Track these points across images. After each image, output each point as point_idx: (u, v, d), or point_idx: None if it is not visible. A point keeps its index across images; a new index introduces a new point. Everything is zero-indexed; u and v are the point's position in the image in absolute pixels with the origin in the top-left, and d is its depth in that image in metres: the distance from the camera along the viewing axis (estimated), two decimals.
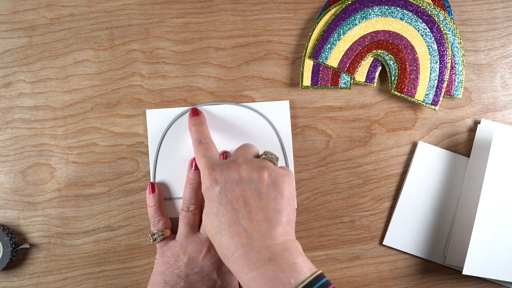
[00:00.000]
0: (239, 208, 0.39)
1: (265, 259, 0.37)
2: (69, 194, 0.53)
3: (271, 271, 0.36)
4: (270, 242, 0.38)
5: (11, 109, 0.54)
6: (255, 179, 0.40)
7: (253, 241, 0.38)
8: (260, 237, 0.38)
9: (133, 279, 0.53)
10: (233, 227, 0.38)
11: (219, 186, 0.40)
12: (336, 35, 0.52)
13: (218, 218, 0.39)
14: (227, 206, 0.39)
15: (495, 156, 0.49)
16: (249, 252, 0.37)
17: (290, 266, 0.37)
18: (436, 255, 0.52)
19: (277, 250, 0.37)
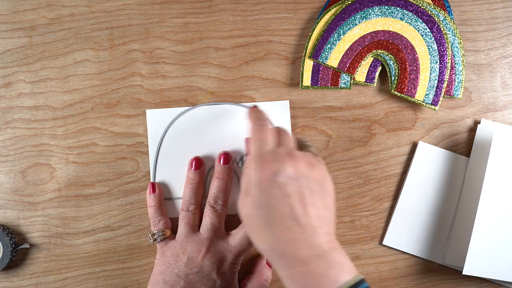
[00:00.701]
0: (294, 203, 0.38)
1: (315, 255, 0.37)
2: (69, 194, 0.53)
3: (321, 267, 0.37)
4: (320, 239, 0.38)
5: (11, 109, 0.54)
6: (309, 176, 0.40)
7: (305, 237, 0.38)
8: (312, 234, 0.38)
9: (133, 279, 0.53)
10: (286, 222, 0.38)
11: (276, 178, 0.39)
12: (336, 35, 0.52)
13: (270, 210, 0.38)
14: (282, 200, 0.38)
15: (495, 156, 0.49)
16: (300, 248, 0.38)
17: (338, 265, 0.37)
18: (436, 255, 0.52)
19: (327, 248, 0.38)
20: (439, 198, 0.52)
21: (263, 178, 0.39)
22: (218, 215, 0.49)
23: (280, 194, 0.38)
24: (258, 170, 0.39)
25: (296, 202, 0.38)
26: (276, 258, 0.38)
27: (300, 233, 0.38)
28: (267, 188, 0.39)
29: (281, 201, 0.38)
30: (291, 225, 0.38)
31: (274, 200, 0.38)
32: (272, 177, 0.39)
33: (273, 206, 0.38)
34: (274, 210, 0.38)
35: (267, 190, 0.39)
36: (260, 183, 0.39)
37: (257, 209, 0.39)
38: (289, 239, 0.38)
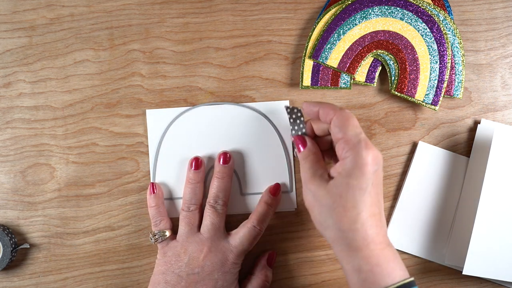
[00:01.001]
0: (379, 192, 0.42)
1: (386, 242, 0.42)
2: (69, 194, 0.53)
3: (392, 253, 0.41)
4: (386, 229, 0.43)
5: (11, 109, 0.54)
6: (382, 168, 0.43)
7: (382, 225, 0.42)
8: (385, 222, 0.42)
9: (133, 279, 0.53)
10: (373, 207, 0.41)
11: (376, 166, 0.41)
12: (336, 35, 0.52)
13: (363, 194, 0.40)
14: (375, 188, 0.41)
15: (495, 156, 0.49)
16: (379, 233, 0.41)
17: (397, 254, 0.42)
18: (436, 255, 0.52)
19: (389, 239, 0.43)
20: (439, 198, 0.52)
21: (370, 163, 0.40)
22: (219, 215, 0.49)
23: (376, 181, 0.42)
24: (366, 156, 0.41)
25: (380, 191, 0.42)
26: (357, 238, 0.40)
27: (380, 220, 0.41)
28: (370, 173, 0.40)
29: (375, 187, 0.41)
30: (375, 211, 0.41)
31: (371, 187, 0.41)
32: (375, 165, 0.41)
33: (369, 192, 0.41)
34: (369, 195, 0.41)
35: (369, 175, 0.40)
36: (366, 167, 0.40)
37: (352, 190, 0.40)
38: (373, 223, 0.41)
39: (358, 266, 0.40)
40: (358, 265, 0.40)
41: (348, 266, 0.41)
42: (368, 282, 0.40)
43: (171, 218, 0.52)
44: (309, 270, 0.53)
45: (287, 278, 0.53)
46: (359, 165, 0.40)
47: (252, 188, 0.53)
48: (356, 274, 0.40)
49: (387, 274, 0.40)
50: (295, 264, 0.53)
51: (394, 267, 0.40)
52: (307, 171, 0.44)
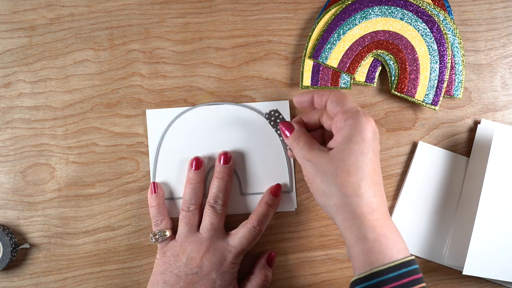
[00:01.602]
0: (378, 163, 0.42)
1: (388, 213, 0.42)
2: (69, 194, 0.53)
3: (394, 226, 0.41)
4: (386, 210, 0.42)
5: (11, 109, 0.54)
6: None
7: (384, 197, 0.42)
8: (382, 200, 0.42)
9: (133, 279, 0.53)
10: (375, 176, 0.41)
11: (377, 135, 0.42)
12: (336, 35, 0.52)
13: (366, 160, 0.41)
14: (376, 156, 0.42)
15: (495, 156, 0.49)
16: (382, 202, 0.41)
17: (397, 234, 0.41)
18: (436, 255, 0.52)
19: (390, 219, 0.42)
20: (439, 198, 0.52)
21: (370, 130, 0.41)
22: (218, 215, 0.49)
23: (376, 150, 0.42)
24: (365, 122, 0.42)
25: (379, 163, 0.42)
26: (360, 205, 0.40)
27: (382, 190, 0.41)
28: (370, 140, 0.41)
29: (376, 156, 0.42)
30: (375, 180, 0.41)
31: (372, 153, 0.41)
32: (375, 134, 0.42)
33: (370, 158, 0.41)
34: (370, 161, 0.41)
35: (370, 142, 0.41)
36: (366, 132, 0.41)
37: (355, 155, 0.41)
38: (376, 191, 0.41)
39: (363, 234, 0.39)
40: (363, 233, 0.39)
41: (351, 236, 0.40)
42: (374, 251, 0.39)
43: (171, 218, 0.52)
44: (309, 270, 0.53)
45: (287, 278, 0.53)
46: (359, 131, 0.41)
47: (252, 188, 0.53)
48: (360, 243, 0.40)
49: (392, 246, 0.39)
50: (295, 264, 0.53)
51: (398, 239, 0.40)
52: (303, 148, 0.44)
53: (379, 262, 0.38)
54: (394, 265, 0.38)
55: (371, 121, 0.42)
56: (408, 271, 0.38)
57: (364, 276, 0.38)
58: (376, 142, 0.42)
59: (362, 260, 0.39)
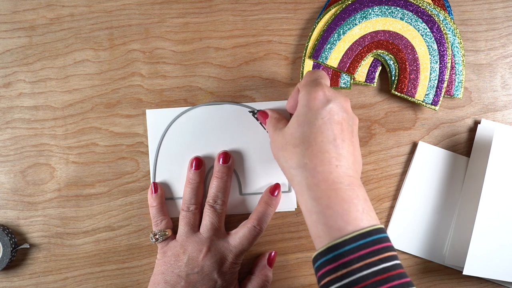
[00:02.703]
0: (336, 131, 0.40)
1: (345, 182, 0.39)
2: (69, 194, 0.53)
3: (349, 195, 0.38)
4: (351, 173, 0.40)
5: (11, 109, 0.54)
6: (353, 119, 0.42)
7: (339, 164, 0.39)
8: (345, 164, 0.39)
9: (133, 279, 0.53)
10: (324, 144, 0.39)
11: (329, 104, 0.40)
12: (336, 35, 0.52)
13: (313, 129, 0.40)
14: (328, 124, 0.40)
15: (495, 156, 0.49)
16: (331, 172, 0.39)
17: (364, 199, 0.39)
18: (436, 255, 0.52)
19: (356, 183, 0.39)
20: (439, 198, 0.52)
21: (317, 98, 0.40)
22: (218, 215, 0.49)
23: (328, 118, 0.40)
24: (313, 91, 0.41)
25: (339, 131, 0.40)
26: (305, 176, 0.39)
27: (335, 158, 0.39)
28: (318, 108, 0.40)
29: (327, 124, 0.40)
30: (329, 148, 0.39)
31: (320, 121, 0.40)
32: (326, 101, 0.40)
33: (318, 126, 0.40)
34: (318, 130, 0.40)
35: (317, 110, 0.40)
36: (313, 101, 0.40)
37: (301, 126, 0.40)
38: (323, 160, 0.39)
39: (309, 208, 0.38)
40: (309, 206, 0.38)
41: (302, 209, 0.40)
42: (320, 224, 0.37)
43: (171, 218, 0.52)
44: (309, 270, 0.53)
45: (287, 278, 0.53)
46: (306, 102, 0.41)
47: (252, 188, 0.53)
48: (308, 216, 0.39)
49: (339, 218, 0.37)
50: (295, 264, 0.53)
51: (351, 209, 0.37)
52: (270, 130, 0.45)
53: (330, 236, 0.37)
54: (351, 237, 0.36)
55: (320, 90, 0.41)
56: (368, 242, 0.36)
57: (322, 250, 0.37)
58: (329, 109, 0.40)
59: (314, 233, 0.38)
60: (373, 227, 0.37)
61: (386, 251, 0.36)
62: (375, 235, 0.37)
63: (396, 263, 0.36)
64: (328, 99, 0.41)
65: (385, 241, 0.37)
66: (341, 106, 0.41)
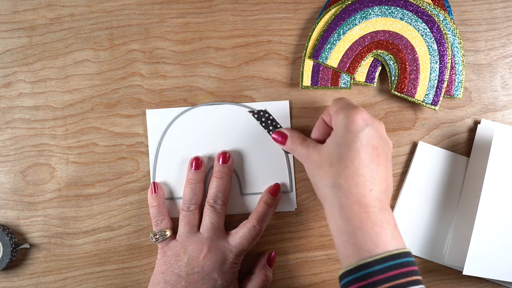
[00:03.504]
0: (373, 156, 0.41)
1: (377, 207, 0.40)
2: (69, 194, 0.53)
3: (380, 219, 0.39)
4: (383, 198, 0.41)
5: (11, 109, 0.54)
6: (387, 144, 0.43)
7: (373, 189, 0.40)
8: (378, 189, 0.40)
9: (133, 279, 0.53)
10: (361, 167, 0.40)
11: (367, 128, 0.41)
12: (336, 35, 0.52)
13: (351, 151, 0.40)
14: (364, 147, 0.41)
15: (495, 156, 0.49)
16: (366, 195, 0.40)
17: (394, 224, 0.40)
18: (436, 255, 0.52)
19: (386, 207, 0.41)
20: (439, 198, 0.52)
21: (356, 121, 0.41)
22: (218, 215, 0.49)
23: (366, 141, 0.41)
24: (352, 114, 0.42)
25: (375, 156, 0.41)
26: (339, 195, 0.40)
27: (370, 182, 0.40)
28: (357, 131, 0.41)
29: (365, 147, 0.41)
30: (365, 171, 0.40)
31: (359, 144, 0.41)
32: (365, 125, 0.41)
33: (356, 149, 0.40)
34: (356, 152, 0.40)
35: (356, 133, 0.41)
36: (352, 124, 0.41)
37: (339, 147, 0.41)
38: (359, 182, 0.40)
39: (340, 227, 0.39)
40: (341, 226, 0.39)
41: (332, 227, 0.41)
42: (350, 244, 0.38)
43: (172, 218, 0.52)
44: (309, 270, 0.53)
45: (287, 278, 0.53)
46: (345, 124, 0.41)
47: (252, 188, 0.53)
48: (338, 235, 0.40)
49: (369, 239, 0.38)
50: (295, 264, 0.53)
51: (381, 232, 0.38)
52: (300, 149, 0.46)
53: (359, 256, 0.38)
54: (381, 258, 0.37)
55: (359, 113, 0.41)
56: (397, 264, 0.37)
57: (351, 269, 0.38)
58: (367, 133, 0.41)
59: (342, 253, 0.39)
60: (401, 250, 0.38)
61: (413, 275, 0.38)
62: (404, 258, 0.38)
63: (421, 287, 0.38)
64: (367, 123, 0.41)
65: (412, 265, 0.38)
66: (378, 131, 0.42)
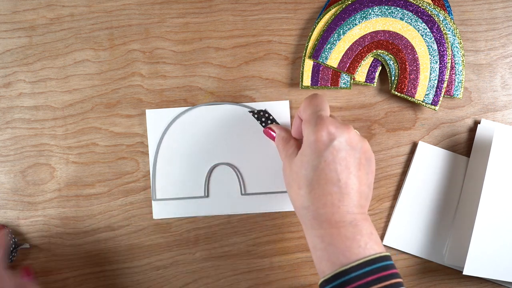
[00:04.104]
0: (341, 170, 0.39)
1: (347, 221, 0.39)
2: (69, 194, 0.53)
3: (351, 232, 0.39)
4: (356, 210, 0.40)
5: (11, 109, 0.54)
6: (361, 149, 0.41)
7: (342, 205, 0.39)
8: (349, 203, 0.40)
9: (133, 279, 0.53)
10: (328, 186, 0.39)
11: (333, 142, 0.39)
12: (336, 35, 0.52)
13: (317, 172, 0.39)
14: (330, 165, 0.39)
15: (495, 156, 0.49)
16: (335, 212, 0.39)
17: (368, 234, 0.39)
18: (436, 255, 0.52)
19: (360, 218, 0.40)
20: (439, 198, 0.52)
21: (319, 140, 0.40)
22: None
23: (332, 158, 0.39)
24: (316, 131, 0.40)
25: (343, 170, 0.40)
26: (308, 217, 0.40)
27: (338, 200, 0.39)
28: (321, 150, 0.40)
29: (330, 165, 0.39)
30: (332, 190, 0.39)
31: (323, 164, 0.39)
32: (329, 141, 0.40)
33: (321, 169, 0.39)
34: (321, 172, 0.39)
35: (320, 152, 0.39)
36: (316, 143, 0.40)
37: (304, 168, 0.40)
38: (326, 202, 0.39)
39: (313, 243, 0.40)
40: (313, 242, 0.40)
41: (308, 243, 0.41)
42: (324, 259, 0.39)
43: (166, 219, 0.52)
44: (309, 270, 0.53)
45: (287, 278, 0.53)
46: (309, 143, 0.40)
47: (252, 188, 0.53)
48: (314, 251, 0.40)
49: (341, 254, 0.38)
50: (295, 264, 0.53)
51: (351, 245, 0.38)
52: (280, 153, 0.45)
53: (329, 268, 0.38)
54: (357, 264, 0.37)
55: (324, 129, 0.39)
56: (374, 269, 0.37)
57: (328, 277, 0.38)
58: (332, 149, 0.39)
59: (318, 268, 0.40)
60: (377, 255, 0.38)
61: (393, 278, 0.37)
62: (381, 262, 0.38)
63: None
64: (332, 138, 0.40)
65: (391, 268, 0.38)
66: (346, 141, 0.40)
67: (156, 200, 0.53)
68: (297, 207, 0.41)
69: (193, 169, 0.53)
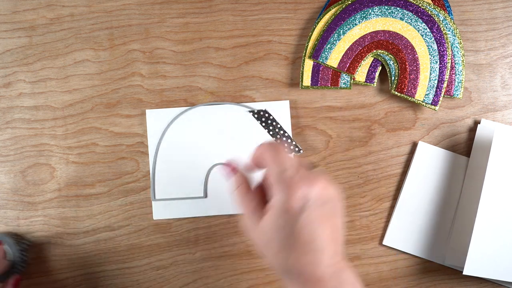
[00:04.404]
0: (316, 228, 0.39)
1: (330, 273, 0.39)
2: (69, 194, 0.53)
3: (333, 285, 0.38)
4: (333, 260, 0.39)
5: (11, 109, 0.54)
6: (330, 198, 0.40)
7: (321, 264, 0.39)
8: (328, 256, 0.39)
9: (133, 279, 0.53)
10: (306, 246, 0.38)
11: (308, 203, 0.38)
12: (336, 35, 0.52)
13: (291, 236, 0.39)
14: (305, 227, 0.38)
15: (495, 156, 0.49)
16: (316, 269, 0.38)
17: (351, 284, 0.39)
18: (436, 255, 0.52)
19: (339, 267, 0.39)
20: (439, 198, 0.52)
21: (293, 207, 0.38)
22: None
23: (307, 222, 0.38)
24: (289, 199, 0.39)
25: (318, 227, 0.39)
26: (290, 277, 0.39)
27: (318, 256, 0.38)
28: (296, 215, 0.38)
29: (307, 227, 0.38)
30: (310, 249, 0.38)
31: (299, 227, 0.38)
32: (302, 205, 0.38)
33: (297, 233, 0.39)
34: (297, 235, 0.39)
35: (296, 217, 0.38)
36: (290, 211, 0.39)
37: (278, 233, 0.39)
38: (306, 262, 0.38)
39: None
40: None
41: None
42: None
43: (173, 219, 0.52)
44: None
45: None
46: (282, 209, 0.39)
47: None
48: None
49: None
50: None
51: None
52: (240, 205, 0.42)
53: None
54: None
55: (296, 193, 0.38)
56: None
57: None
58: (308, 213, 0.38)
59: None
60: None
61: None
62: None
63: None
64: (305, 201, 0.38)
65: None
66: (318, 198, 0.39)
67: (156, 200, 0.53)
68: (277, 269, 0.40)
69: (193, 169, 0.53)
